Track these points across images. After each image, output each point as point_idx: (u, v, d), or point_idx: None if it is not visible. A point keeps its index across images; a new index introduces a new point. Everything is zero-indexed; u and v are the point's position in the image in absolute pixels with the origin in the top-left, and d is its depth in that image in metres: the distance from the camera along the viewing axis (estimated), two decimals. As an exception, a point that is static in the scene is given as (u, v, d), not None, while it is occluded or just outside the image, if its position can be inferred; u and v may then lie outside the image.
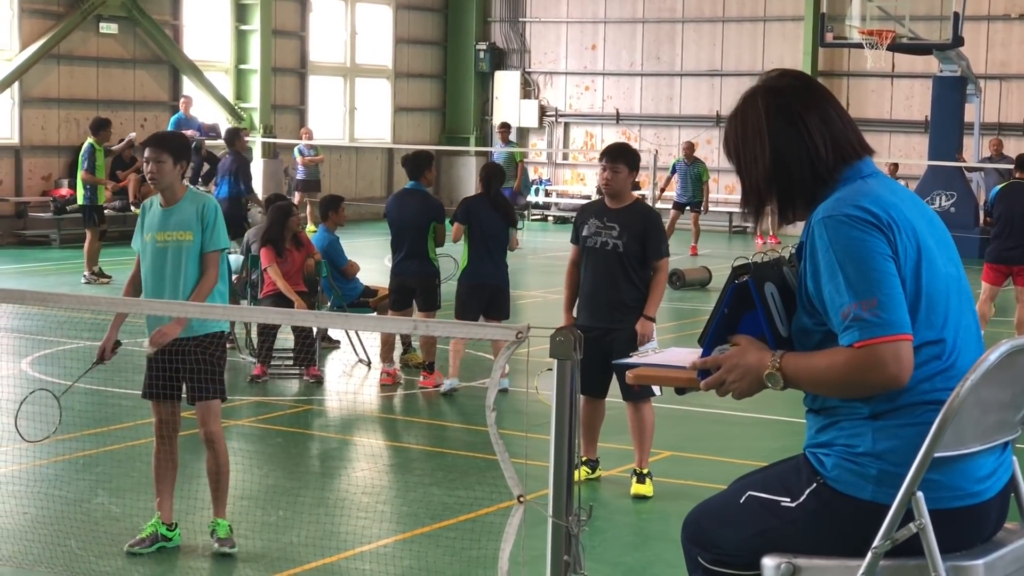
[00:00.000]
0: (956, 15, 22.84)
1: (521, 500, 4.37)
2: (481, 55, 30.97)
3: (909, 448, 3.27)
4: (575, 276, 8.54)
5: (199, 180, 21.89)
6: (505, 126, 25.09)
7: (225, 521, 7.01)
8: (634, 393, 8.10)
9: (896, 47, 23.59)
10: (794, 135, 3.46)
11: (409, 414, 11.10)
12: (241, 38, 26.67)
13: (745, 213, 3.59)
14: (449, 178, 30.45)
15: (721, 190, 27.95)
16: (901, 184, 3.65)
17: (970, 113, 24.21)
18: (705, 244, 23.54)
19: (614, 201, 8.37)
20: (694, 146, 24.04)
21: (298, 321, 10.06)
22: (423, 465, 9.17)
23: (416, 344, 12.24)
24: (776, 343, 3.44)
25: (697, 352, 3.60)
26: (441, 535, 7.34)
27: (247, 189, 17.24)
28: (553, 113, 30.69)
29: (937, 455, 3.24)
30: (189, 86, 25.29)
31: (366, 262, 14.31)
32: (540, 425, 4.94)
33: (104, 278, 17.73)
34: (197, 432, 7.11)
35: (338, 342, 13.18)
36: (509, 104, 30.70)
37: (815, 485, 3.41)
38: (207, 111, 25.25)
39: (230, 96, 26.34)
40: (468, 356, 12.31)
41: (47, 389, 7.09)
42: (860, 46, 23.46)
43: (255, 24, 26.45)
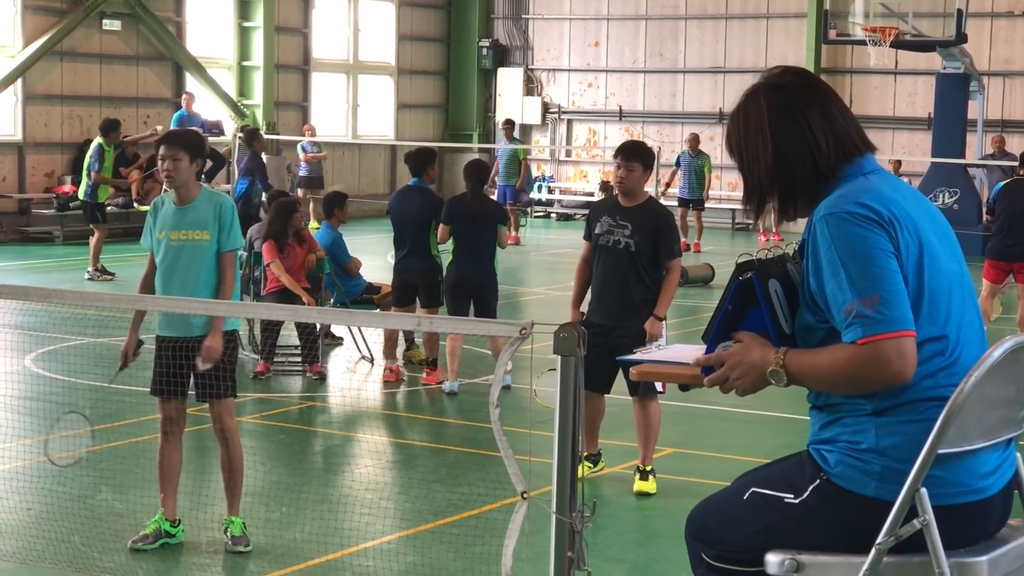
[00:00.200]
0: (959, 12, 22.82)
1: (525, 496, 4.38)
2: (484, 52, 30.94)
3: (912, 444, 3.28)
4: (586, 272, 8.54)
5: (201, 177, 21.86)
6: (509, 123, 25.05)
7: (239, 519, 7.01)
8: (640, 389, 8.10)
9: (899, 44, 23.56)
10: (796, 132, 3.47)
11: (412, 411, 11.11)
12: (244, 35, 26.67)
13: (747, 210, 3.60)
14: (452, 175, 30.42)
15: (724, 187, 27.94)
16: (904, 180, 3.65)
17: (973, 110, 24.19)
18: (708, 241, 23.54)
19: (627, 199, 8.35)
20: (699, 138, 24.00)
21: (301, 317, 10.07)
22: (426, 462, 9.17)
23: (419, 341, 12.25)
24: (780, 340, 3.44)
25: (701, 349, 3.61)
26: (444, 532, 7.34)
27: (266, 187, 17.27)
28: (556, 110, 30.66)
29: (941, 451, 3.25)
30: (192, 83, 25.29)
31: (369, 259, 14.32)
32: (544, 422, 4.94)
33: (107, 275, 17.73)
34: (201, 429, 7.11)
35: (341, 339, 13.18)
36: (512, 101, 30.69)
37: (819, 481, 3.41)
38: (210, 108, 25.25)
39: (233, 93, 26.34)
40: (471, 353, 12.32)
41: (78, 411, 7.09)
42: (863, 43, 23.44)
43: (258, 21, 26.45)
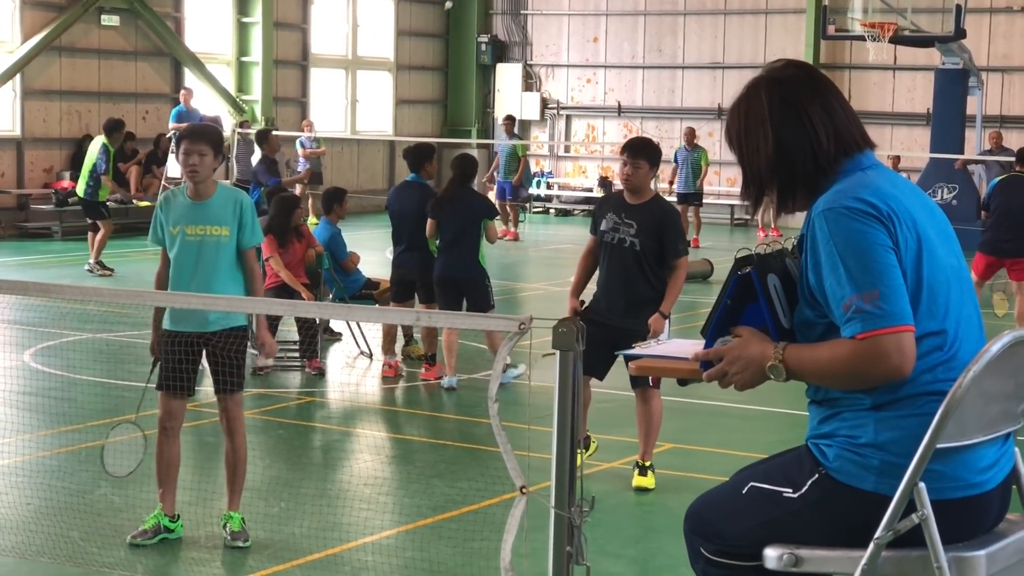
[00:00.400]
0: (958, 7, 22.81)
1: (523, 491, 4.38)
2: (483, 47, 30.93)
3: (911, 439, 3.28)
4: (588, 263, 8.54)
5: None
6: (510, 119, 25.07)
7: (238, 514, 7.01)
8: (641, 380, 8.11)
9: (898, 39, 23.55)
10: (797, 125, 3.46)
11: (411, 406, 11.11)
12: (243, 30, 26.65)
13: (746, 202, 3.60)
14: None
15: (723, 182, 27.94)
16: (902, 176, 3.65)
17: (972, 106, 24.18)
18: (707, 237, 23.54)
19: (633, 197, 8.32)
20: (695, 132, 24.02)
21: (300, 312, 10.07)
22: (425, 457, 9.18)
23: (418, 336, 12.25)
24: (778, 335, 3.44)
25: (700, 344, 3.61)
26: (443, 527, 7.35)
27: (278, 183, 17.36)
28: (555, 106, 30.66)
29: (939, 446, 3.25)
30: (191, 78, 25.27)
31: (367, 254, 14.31)
32: (542, 417, 4.94)
33: (106, 270, 17.73)
34: (200, 425, 7.11)
35: (340, 334, 13.19)
36: (511, 97, 30.68)
37: (817, 476, 3.41)
38: (209, 103, 25.23)
39: (232, 88, 26.33)
40: (469, 348, 12.33)
41: (132, 421, 7.09)
42: (862, 38, 23.43)
43: (257, 16, 26.44)
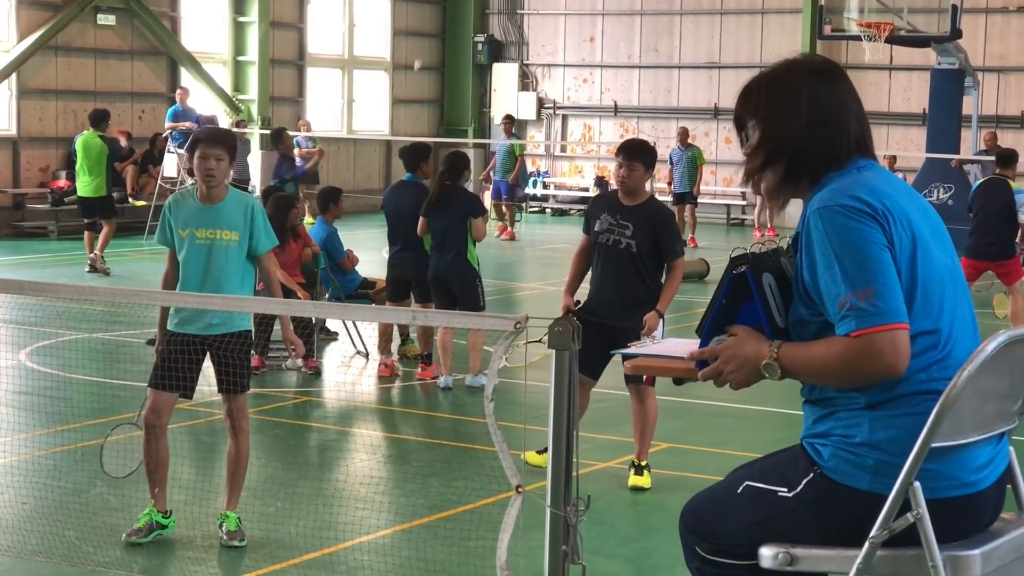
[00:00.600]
0: (954, 7, 22.81)
1: (519, 491, 4.38)
2: (479, 47, 30.93)
3: (906, 438, 3.28)
4: (582, 263, 8.53)
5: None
6: (509, 119, 25.10)
7: (235, 514, 7.01)
8: (635, 379, 8.11)
9: (894, 39, 23.56)
10: (830, 106, 3.46)
11: (407, 405, 11.11)
12: (239, 30, 26.64)
13: (748, 172, 3.55)
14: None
15: (719, 182, 27.95)
16: (897, 176, 3.65)
17: (968, 106, 24.18)
18: (702, 236, 23.55)
19: (629, 198, 8.30)
20: (688, 131, 24.04)
21: (297, 312, 10.06)
22: (421, 456, 9.18)
23: (414, 335, 12.25)
24: (773, 333, 3.44)
25: (695, 343, 3.61)
26: (439, 526, 7.35)
27: (301, 175, 17.35)
28: (551, 105, 30.66)
29: (934, 445, 3.25)
30: (187, 78, 25.26)
31: (364, 254, 14.31)
32: (538, 416, 4.94)
33: (104, 265, 17.76)
34: (195, 424, 7.11)
35: (336, 334, 13.18)
36: (507, 96, 30.68)
37: (812, 475, 3.42)
38: (205, 103, 25.22)
39: (228, 88, 26.32)
40: (464, 347, 12.31)
41: (133, 423, 7.10)
42: (858, 38, 23.45)
43: (253, 16, 26.43)
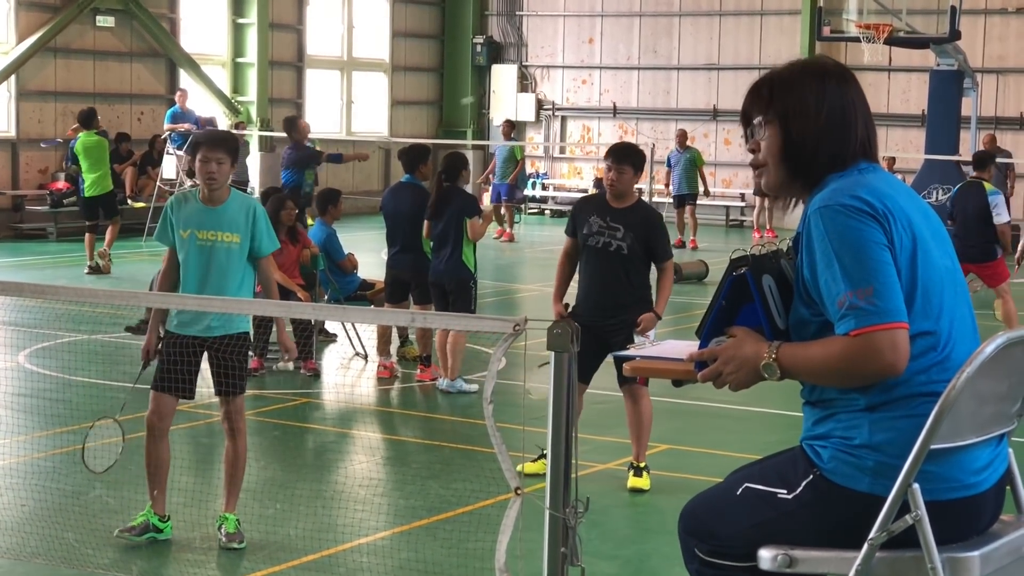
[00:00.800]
0: (953, 9, 22.82)
1: (518, 492, 4.38)
2: (478, 49, 30.94)
3: (905, 440, 3.28)
4: (567, 267, 8.52)
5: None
6: (509, 124, 25.11)
7: (233, 516, 7.00)
8: (629, 380, 8.11)
9: (893, 41, 23.57)
10: (842, 107, 3.47)
11: (406, 407, 11.11)
12: (238, 31, 26.64)
13: (754, 166, 3.57)
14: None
15: (718, 183, 27.94)
16: (897, 178, 3.66)
17: (967, 107, 24.19)
18: (702, 238, 23.54)
19: (617, 200, 8.30)
20: (686, 134, 24.05)
21: (295, 314, 10.05)
22: (420, 458, 9.18)
23: (413, 337, 12.24)
24: (773, 335, 3.44)
25: (694, 345, 3.61)
26: (438, 528, 7.35)
27: (334, 157, 17.30)
28: (550, 107, 30.66)
29: (933, 447, 3.25)
30: (186, 79, 25.26)
31: (363, 256, 14.30)
32: (537, 418, 4.94)
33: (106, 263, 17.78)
34: (195, 426, 7.11)
35: (335, 335, 13.18)
36: (506, 98, 30.68)
37: (812, 477, 3.42)
38: (204, 105, 25.22)
39: (227, 90, 26.32)
40: (471, 350, 12.30)
41: (111, 417, 7.09)
42: (857, 40, 23.45)
43: (252, 17, 26.43)
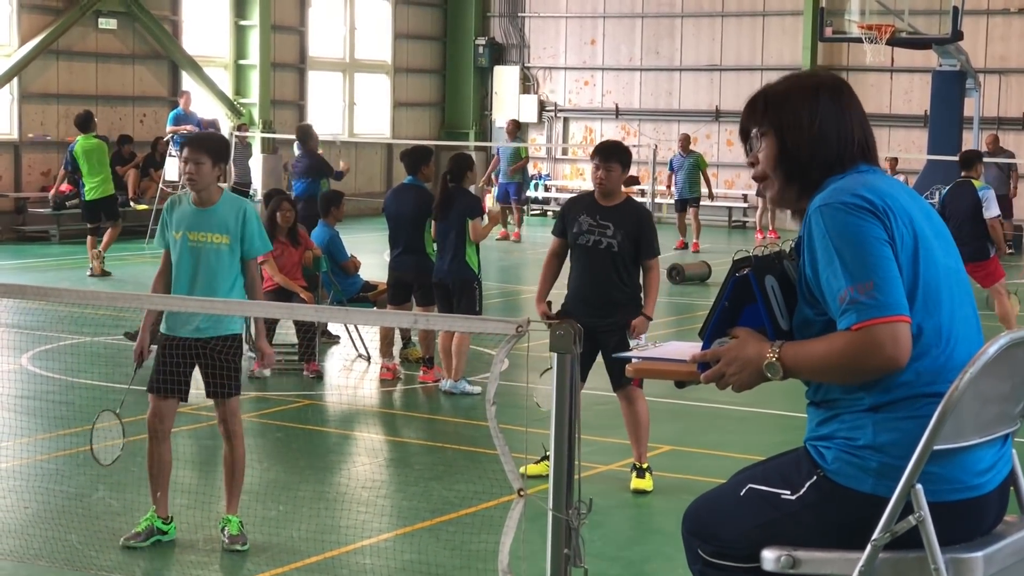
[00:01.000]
0: (955, 9, 22.80)
1: (521, 494, 4.38)
2: (480, 50, 30.93)
3: (909, 441, 3.28)
4: (553, 268, 8.53)
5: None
6: (515, 124, 25.09)
7: (236, 517, 7.00)
8: (623, 381, 8.12)
9: (895, 41, 23.55)
10: (837, 118, 3.51)
11: (409, 409, 11.11)
12: (240, 33, 26.65)
13: (755, 179, 3.59)
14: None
15: (720, 184, 27.93)
16: (899, 179, 3.67)
17: (969, 107, 24.17)
18: (705, 239, 23.55)
19: (606, 199, 8.31)
20: (689, 138, 24.04)
21: (298, 316, 10.06)
22: (423, 460, 9.18)
23: (415, 339, 12.24)
24: (776, 336, 3.44)
25: (697, 346, 3.61)
26: (441, 529, 7.35)
27: (337, 176, 17.30)
28: (552, 108, 30.66)
29: (937, 448, 3.25)
30: (188, 82, 25.27)
31: (366, 257, 14.31)
32: (540, 420, 4.94)
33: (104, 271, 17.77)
34: (198, 428, 7.11)
35: (338, 337, 13.18)
36: (509, 99, 30.68)
37: (815, 478, 3.41)
38: (206, 107, 25.23)
39: (229, 92, 26.33)
40: (474, 352, 12.30)
41: (111, 410, 7.10)
42: (859, 40, 23.43)
43: (254, 19, 26.44)
